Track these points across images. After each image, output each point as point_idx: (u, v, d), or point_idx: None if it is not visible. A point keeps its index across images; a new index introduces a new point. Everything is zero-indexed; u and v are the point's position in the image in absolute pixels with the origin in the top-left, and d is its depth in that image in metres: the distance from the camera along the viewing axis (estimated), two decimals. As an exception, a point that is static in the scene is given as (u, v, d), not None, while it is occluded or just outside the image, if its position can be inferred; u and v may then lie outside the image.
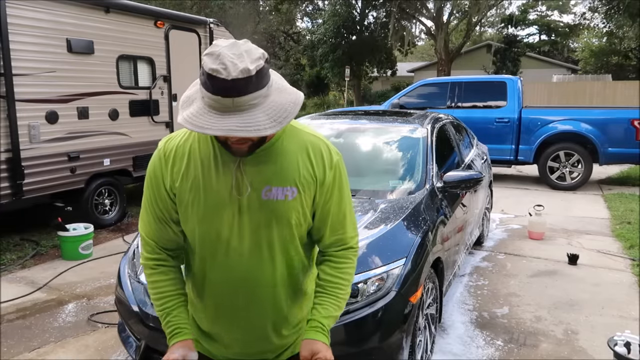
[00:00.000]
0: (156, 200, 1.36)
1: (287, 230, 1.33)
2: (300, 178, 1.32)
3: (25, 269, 4.64)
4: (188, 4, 22.45)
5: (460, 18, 26.78)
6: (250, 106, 1.11)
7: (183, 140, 1.35)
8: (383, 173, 3.54)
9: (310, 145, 1.35)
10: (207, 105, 1.12)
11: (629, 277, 4.35)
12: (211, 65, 1.09)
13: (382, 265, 2.44)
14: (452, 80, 9.47)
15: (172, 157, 1.33)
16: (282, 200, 1.30)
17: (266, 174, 1.30)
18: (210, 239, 1.33)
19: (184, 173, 1.31)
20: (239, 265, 1.34)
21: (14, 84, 4.71)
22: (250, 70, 1.09)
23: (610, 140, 7.96)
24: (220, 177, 1.29)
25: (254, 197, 1.29)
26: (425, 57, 42.20)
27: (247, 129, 1.09)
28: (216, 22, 7.51)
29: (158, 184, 1.35)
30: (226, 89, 1.08)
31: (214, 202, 1.30)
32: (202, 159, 1.31)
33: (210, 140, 1.31)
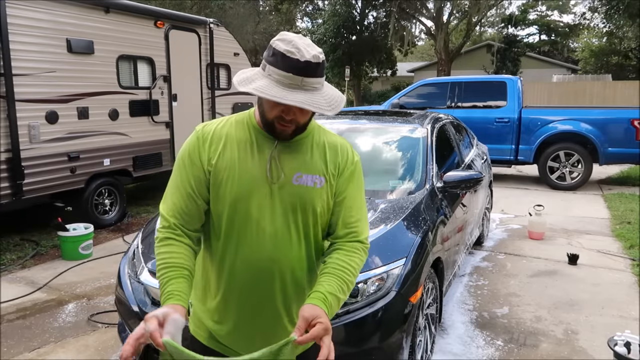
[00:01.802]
0: (188, 177, 1.40)
1: (313, 217, 1.42)
2: (327, 169, 1.44)
3: (25, 269, 4.64)
4: (188, 4, 22.43)
5: (460, 18, 26.77)
6: (314, 88, 1.28)
7: (220, 126, 1.45)
8: (383, 173, 3.54)
9: (338, 143, 1.50)
10: (275, 82, 1.26)
11: (629, 277, 4.35)
12: (286, 47, 1.26)
13: (382, 265, 2.44)
14: (452, 80, 9.47)
15: (210, 138, 1.42)
16: (311, 187, 1.41)
17: (298, 162, 1.41)
18: (240, 218, 1.38)
19: (220, 152, 1.39)
20: (267, 245, 1.38)
21: (14, 84, 4.71)
22: (320, 57, 1.28)
23: (610, 140, 7.96)
24: (256, 161, 1.39)
25: (286, 182, 1.39)
26: (425, 57, 42.20)
27: (313, 105, 1.26)
28: (216, 22, 7.51)
29: (193, 161, 1.40)
30: (299, 68, 1.24)
31: (248, 182, 1.37)
32: (238, 142, 1.41)
33: (247, 127, 1.43)
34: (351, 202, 1.46)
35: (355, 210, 1.47)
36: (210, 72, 7.40)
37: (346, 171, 1.47)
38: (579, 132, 8.14)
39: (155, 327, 1.19)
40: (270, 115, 1.34)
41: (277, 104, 1.30)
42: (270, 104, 1.32)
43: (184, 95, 6.95)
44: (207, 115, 7.48)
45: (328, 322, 1.24)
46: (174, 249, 1.38)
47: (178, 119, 6.84)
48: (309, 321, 1.22)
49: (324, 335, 1.21)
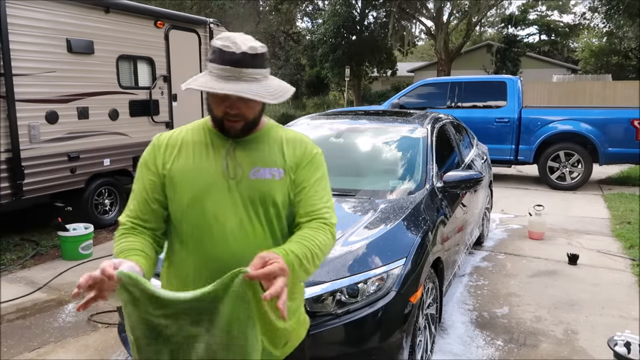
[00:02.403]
0: (144, 183, 1.45)
1: (274, 209, 1.42)
2: (285, 162, 1.46)
3: (25, 269, 4.64)
4: (188, 4, 22.43)
5: (460, 18, 26.77)
6: (254, 79, 1.31)
7: (176, 133, 1.50)
8: (383, 173, 3.54)
9: (297, 138, 1.52)
10: (214, 76, 1.30)
11: (629, 277, 4.35)
12: (223, 42, 1.31)
13: (382, 265, 2.44)
14: (452, 80, 9.47)
15: (165, 145, 1.47)
16: (270, 179, 1.42)
17: (255, 157, 1.43)
18: (198, 217, 1.39)
19: (175, 156, 1.44)
20: (230, 241, 1.38)
21: (14, 84, 4.71)
22: (257, 48, 1.32)
23: (610, 140, 7.96)
24: (211, 160, 1.42)
25: (243, 177, 1.41)
26: (425, 57, 42.19)
27: (251, 93, 1.29)
28: (216, 22, 7.51)
29: (148, 167, 1.46)
30: (236, 60, 1.29)
31: (204, 181, 1.40)
32: (194, 145, 1.45)
33: (203, 131, 1.47)
34: (312, 191, 1.45)
35: (317, 199, 1.45)
36: (210, 72, 7.39)
37: (304, 162, 1.47)
38: (579, 132, 8.14)
39: (109, 264, 1.19)
40: (217, 112, 1.38)
41: (221, 101, 1.34)
42: (215, 101, 1.36)
43: (184, 95, 6.94)
44: (207, 115, 7.47)
45: (286, 266, 1.17)
46: (131, 239, 1.40)
47: (178, 119, 6.84)
48: (265, 260, 1.17)
49: (279, 275, 1.14)
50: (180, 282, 1.45)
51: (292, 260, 1.25)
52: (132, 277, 1.15)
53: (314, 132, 4.04)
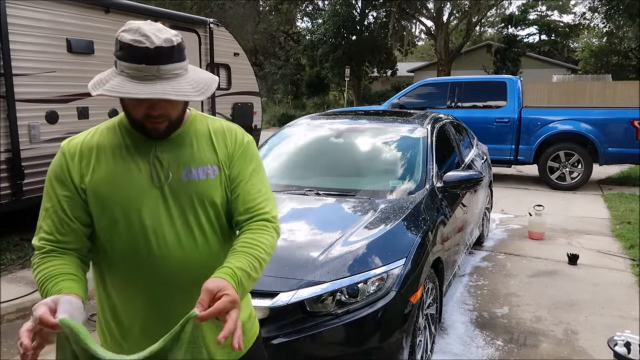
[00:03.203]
0: (59, 200, 1.25)
1: (214, 210, 1.31)
2: (218, 157, 1.33)
3: (25, 269, 4.63)
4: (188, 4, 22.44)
5: (460, 18, 26.78)
6: (175, 75, 1.16)
7: (88, 136, 1.32)
8: (383, 173, 3.54)
9: (224, 127, 1.39)
10: (128, 77, 1.14)
11: (629, 277, 4.35)
12: (132, 37, 1.13)
13: (382, 265, 2.44)
14: (452, 80, 9.47)
15: (78, 153, 1.28)
16: (204, 180, 1.30)
17: (184, 157, 1.30)
18: (134, 231, 1.25)
19: (94, 166, 1.26)
20: (172, 253, 1.26)
21: (14, 84, 4.70)
22: (173, 40, 1.15)
23: (610, 140, 7.96)
24: (136, 167, 1.27)
25: (175, 181, 1.28)
26: (425, 57, 42.19)
27: (177, 94, 1.13)
28: (216, 22, 7.51)
29: (62, 181, 1.26)
30: (151, 56, 1.12)
31: (134, 192, 1.25)
32: (112, 150, 1.28)
33: (119, 131, 1.30)
34: (249, 185, 1.34)
35: (255, 192, 1.34)
36: (210, 72, 7.38)
37: (236, 153, 1.36)
38: (579, 132, 8.14)
39: (45, 310, 1.03)
40: (136, 115, 1.21)
41: (140, 102, 1.17)
42: (132, 103, 1.20)
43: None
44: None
45: (236, 295, 1.08)
46: (55, 262, 1.22)
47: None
48: (213, 294, 1.06)
49: (231, 308, 1.05)
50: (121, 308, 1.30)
51: (240, 277, 1.14)
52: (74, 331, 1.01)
53: (314, 132, 4.05)
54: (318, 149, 3.89)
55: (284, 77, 30.12)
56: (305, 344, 2.23)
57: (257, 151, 1.42)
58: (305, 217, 2.92)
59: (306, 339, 2.22)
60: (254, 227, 1.30)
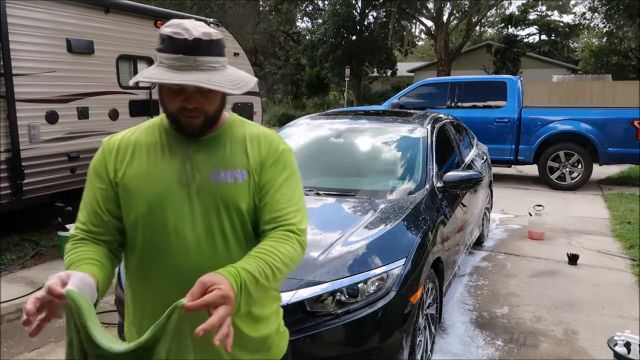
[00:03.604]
0: (94, 193, 1.31)
1: (238, 217, 1.28)
2: (249, 162, 1.31)
3: (25, 269, 4.63)
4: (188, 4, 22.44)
5: (460, 18, 26.78)
6: (211, 68, 1.17)
7: (128, 135, 1.36)
8: (383, 173, 3.54)
9: (261, 134, 1.37)
10: (166, 67, 1.16)
11: (629, 277, 4.35)
12: (172, 30, 1.16)
13: (382, 265, 2.44)
14: (452, 80, 9.46)
15: (116, 149, 1.32)
16: (232, 183, 1.28)
17: (215, 159, 1.29)
18: (157, 228, 1.26)
19: (128, 162, 1.30)
20: (192, 254, 1.25)
21: (14, 84, 4.70)
22: (212, 34, 1.18)
23: (610, 140, 7.96)
24: (167, 164, 1.28)
25: (203, 182, 1.27)
26: (425, 57, 42.19)
27: (209, 83, 1.14)
28: (216, 22, 7.50)
29: (99, 175, 1.31)
30: (188, 47, 1.15)
31: (162, 189, 1.26)
32: (148, 148, 1.31)
33: (157, 131, 1.33)
34: (278, 194, 1.29)
35: (284, 202, 1.29)
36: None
37: (269, 160, 1.32)
38: (579, 132, 8.14)
39: (56, 281, 1.05)
40: (172, 107, 1.22)
41: (176, 94, 1.20)
42: (169, 95, 1.21)
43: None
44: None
45: (230, 291, 1.03)
46: (83, 249, 1.26)
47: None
48: (206, 287, 1.02)
49: (221, 303, 1.00)
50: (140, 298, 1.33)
51: (244, 280, 1.09)
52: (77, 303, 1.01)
53: (314, 132, 4.05)
54: (318, 149, 3.89)
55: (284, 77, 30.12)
56: (305, 344, 2.23)
57: (293, 161, 1.38)
58: (305, 217, 2.91)
59: (306, 339, 2.22)
60: (275, 235, 1.25)
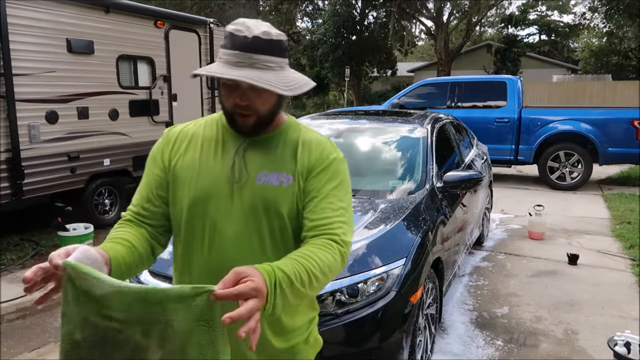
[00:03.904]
0: (149, 179, 1.36)
1: (278, 221, 1.26)
2: (297, 167, 1.29)
3: (25, 269, 4.62)
4: (188, 4, 22.46)
5: (460, 18, 26.77)
6: (267, 67, 1.18)
7: (190, 126, 1.40)
8: (383, 173, 3.54)
9: (313, 140, 1.34)
10: (223, 62, 1.19)
11: (629, 277, 4.35)
12: (235, 27, 1.19)
13: (382, 265, 2.44)
14: (452, 80, 9.46)
15: (175, 139, 1.37)
16: (276, 186, 1.26)
17: (264, 160, 1.29)
18: (198, 221, 1.29)
19: (182, 152, 1.33)
20: (227, 251, 1.26)
21: (14, 84, 4.71)
22: (272, 34, 1.19)
23: (610, 140, 7.96)
24: (219, 159, 1.30)
25: (248, 181, 1.27)
26: (425, 57, 42.19)
27: (260, 81, 1.15)
28: (216, 22, 7.51)
29: (156, 161, 1.36)
30: (246, 44, 1.16)
31: (207, 182, 1.28)
32: (203, 141, 1.34)
33: (216, 125, 1.36)
34: (324, 203, 1.25)
35: (330, 211, 1.24)
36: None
37: (317, 167, 1.29)
38: (579, 132, 8.14)
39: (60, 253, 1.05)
40: (227, 104, 1.24)
41: (232, 90, 1.21)
42: (226, 92, 1.23)
43: (184, 95, 6.94)
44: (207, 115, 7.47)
45: (263, 286, 0.98)
46: (123, 229, 1.31)
47: (178, 119, 6.84)
48: (239, 277, 0.98)
49: (252, 296, 0.95)
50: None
51: (278, 279, 1.04)
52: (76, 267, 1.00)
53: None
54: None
55: (284, 77, 30.03)
56: None
57: (344, 170, 1.35)
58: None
59: None
60: (317, 242, 1.20)
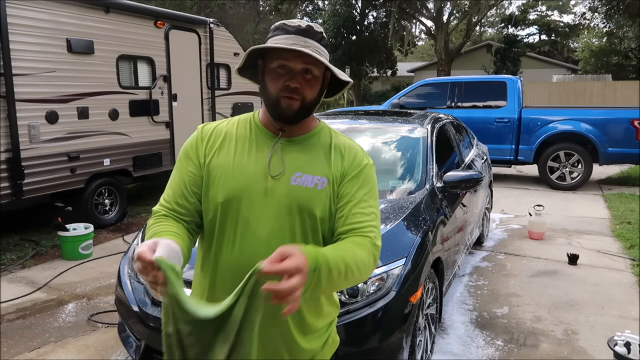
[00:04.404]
0: (182, 174, 1.35)
1: (311, 222, 1.28)
2: (332, 170, 1.32)
3: (25, 269, 4.64)
4: (188, 4, 22.46)
5: (460, 18, 26.78)
6: (317, 52, 1.25)
7: (224, 124, 1.41)
8: (383, 173, 3.54)
9: (347, 145, 1.39)
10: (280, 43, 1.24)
11: (629, 277, 4.35)
12: (285, 22, 1.29)
13: (382, 265, 2.44)
14: (452, 80, 9.47)
15: (209, 135, 1.37)
16: (311, 188, 1.29)
17: (299, 161, 1.32)
18: (231, 218, 1.29)
19: (217, 149, 1.34)
20: (261, 249, 1.24)
21: (14, 84, 4.71)
22: (322, 30, 1.30)
23: (610, 140, 7.96)
24: (252, 158, 1.31)
25: (283, 181, 1.29)
26: (425, 57, 42.19)
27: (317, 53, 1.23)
28: (216, 22, 7.51)
29: (189, 156, 1.36)
30: (301, 30, 1.25)
31: (241, 182, 1.29)
32: (237, 140, 1.35)
33: (250, 125, 1.38)
34: (358, 208, 1.29)
35: (362, 216, 1.29)
36: (210, 72, 7.40)
37: (351, 173, 1.33)
38: (579, 132, 8.14)
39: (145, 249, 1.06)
40: (274, 89, 1.26)
41: (281, 75, 1.25)
42: (273, 77, 1.26)
43: (184, 95, 6.95)
44: (207, 115, 7.48)
45: (305, 264, 1.02)
46: (165, 224, 1.28)
47: (178, 119, 6.84)
48: (284, 255, 1.02)
49: (295, 272, 0.99)
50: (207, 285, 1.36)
51: (320, 264, 1.07)
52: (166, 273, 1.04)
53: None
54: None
55: (284, 77, 30.06)
56: None
57: (374, 176, 1.39)
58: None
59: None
60: (353, 240, 1.26)
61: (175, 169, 1.39)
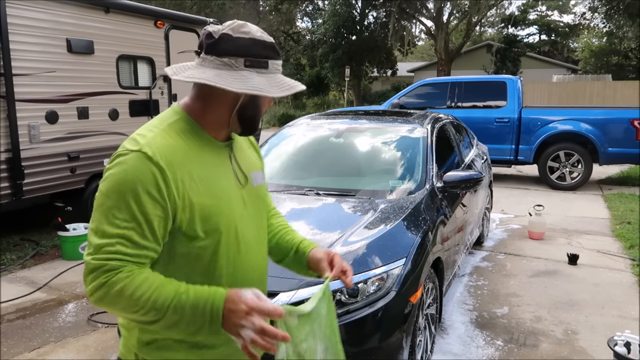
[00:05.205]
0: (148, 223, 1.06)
1: (265, 215, 1.39)
2: (262, 162, 1.43)
3: (25, 269, 4.64)
4: (188, 4, 22.46)
5: (460, 18, 26.80)
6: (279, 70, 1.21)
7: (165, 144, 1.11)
8: (383, 173, 3.54)
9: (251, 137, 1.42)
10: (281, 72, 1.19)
11: (629, 277, 4.35)
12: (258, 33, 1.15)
13: (382, 265, 2.44)
14: (452, 80, 9.46)
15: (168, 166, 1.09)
16: (263, 184, 1.37)
17: (246, 161, 1.31)
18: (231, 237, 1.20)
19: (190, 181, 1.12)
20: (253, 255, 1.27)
21: (14, 84, 4.70)
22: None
23: (610, 140, 7.96)
24: (224, 172, 1.21)
25: (249, 186, 1.29)
26: (425, 57, 42.19)
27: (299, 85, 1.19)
28: (216, 22, 7.49)
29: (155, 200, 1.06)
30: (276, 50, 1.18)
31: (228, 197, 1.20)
32: (198, 158, 1.16)
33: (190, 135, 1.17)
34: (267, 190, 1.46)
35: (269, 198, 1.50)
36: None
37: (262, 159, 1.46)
38: (579, 132, 8.14)
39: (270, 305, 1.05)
40: (261, 112, 1.22)
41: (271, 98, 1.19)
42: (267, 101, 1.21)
43: (184, 95, 6.92)
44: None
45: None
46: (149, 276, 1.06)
47: (178, 119, 6.84)
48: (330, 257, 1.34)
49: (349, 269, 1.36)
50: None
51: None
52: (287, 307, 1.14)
53: (314, 132, 4.05)
54: (318, 149, 3.89)
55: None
56: None
57: None
58: (305, 217, 2.92)
59: None
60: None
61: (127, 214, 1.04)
